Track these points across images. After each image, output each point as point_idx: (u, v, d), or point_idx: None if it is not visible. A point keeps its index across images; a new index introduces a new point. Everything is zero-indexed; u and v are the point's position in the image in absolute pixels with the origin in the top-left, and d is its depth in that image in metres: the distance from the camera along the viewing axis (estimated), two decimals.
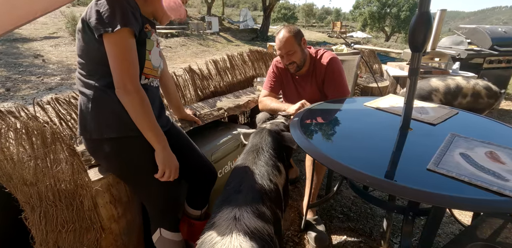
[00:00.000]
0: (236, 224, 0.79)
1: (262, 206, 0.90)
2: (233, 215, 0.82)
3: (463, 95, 2.46)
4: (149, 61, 1.01)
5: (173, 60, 8.57)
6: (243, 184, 0.97)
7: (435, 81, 2.54)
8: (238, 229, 0.77)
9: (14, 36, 8.43)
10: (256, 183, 0.98)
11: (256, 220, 0.82)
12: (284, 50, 1.58)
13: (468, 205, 0.71)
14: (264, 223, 0.84)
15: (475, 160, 0.88)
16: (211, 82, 2.11)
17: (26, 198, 0.92)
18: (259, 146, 1.17)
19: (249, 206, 0.85)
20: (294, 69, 1.65)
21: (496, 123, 1.27)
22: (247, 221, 0.80)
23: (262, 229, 0.81)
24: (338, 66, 1.66)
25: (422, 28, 0.96)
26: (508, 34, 4.04)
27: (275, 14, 25.75)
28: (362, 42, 16.17)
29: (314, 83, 1.71)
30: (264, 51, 2.64)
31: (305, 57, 1.65)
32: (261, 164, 1.08)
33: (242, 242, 0.74)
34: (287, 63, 1.63)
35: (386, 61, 4.02)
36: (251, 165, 1.07)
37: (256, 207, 0.87)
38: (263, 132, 1.26)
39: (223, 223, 0.80)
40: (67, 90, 4.74)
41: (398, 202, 1.75)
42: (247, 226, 0.79)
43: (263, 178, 1.01)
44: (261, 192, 0.95)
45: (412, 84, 1.08)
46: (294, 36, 1.56)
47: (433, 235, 1.05)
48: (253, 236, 0.77)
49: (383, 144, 1.09)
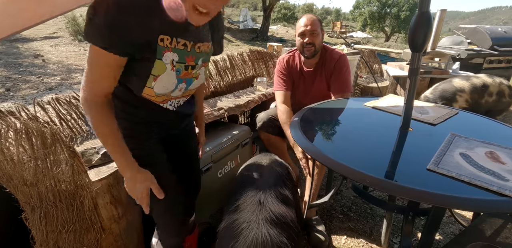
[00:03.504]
0: (261, 209, 0.77)
1: (284, 189, 0.89)
2: (257, 199, 0.81)
3: (489, 93, 2.42)
4: (150, 88, 0.82)
5: None
6: (265, 170, 0.97)
7: (458, 81, 2.49)
8: (263, 215, 0.76)
9: (14, 36, 8.43)
10: (276, 170, 0.98)
11: (280, 205, 0.81)
12: (311, 27, 1.59)
13: (468, 205, 0.71)
14: (287, 208, 0.82)
15: (475, 160, 0.88)
16: (211, 82, 2.11)
17: (26, 198, 0.92)
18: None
19: (272, 190, 0.84)
20: (310, 52, 1.64)
21: (496, 123, 1.27)
22: (271, 206, 0.79)
23: (286, 214, 0.80)
24: (347, 63, 1.72)
25: (422, 28, 0.96)
26: (508, 34, 4.04)
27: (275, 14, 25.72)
28: (362, 42, 16.17)
29: (323, 76, 1.73)
30: (264, 51, 2.64)
31: (321, 45, 1.68)
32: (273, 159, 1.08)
33: (269, 228, 0.72)
34: (307, 42, 1.62)
35: (386, 61, 4.02)
36: (269, 158, 1.08)
37: (280, 191, 0.86)
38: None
39: (248, 208, 0.79)
40: (67, 90, 4.74)
41: (398, 202, 1.75)
42: (272, 212, 0.77)
43: (279, 166, 1.01)
44: (282, 176, 0.95)
45: (412, 84, 1.08)
46: (319, 20, 1.64)
47: (433, 235, 1.05)
48: (278, 222, 0.75)
49: (383, 144, 1.09)
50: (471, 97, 2.42)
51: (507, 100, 2.43)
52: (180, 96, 0.95)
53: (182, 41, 0.82)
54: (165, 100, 0.91)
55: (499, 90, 2.41)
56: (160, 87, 0.84)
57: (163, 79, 0.82)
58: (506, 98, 2.42)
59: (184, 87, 0.91)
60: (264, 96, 2.14)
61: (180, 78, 0.87)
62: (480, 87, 2.41)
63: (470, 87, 2.42)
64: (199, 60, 0.91)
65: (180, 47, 0.82)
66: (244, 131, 1.77)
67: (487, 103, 2.42)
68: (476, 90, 2.41)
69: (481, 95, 2.42)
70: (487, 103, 2.42)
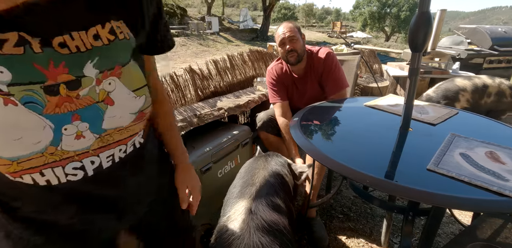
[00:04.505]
0: (252, 217, 0.76)
1: (276, 198, 0.88)
2: (248, 208, 0.80)
3: (488, 94, 2.43)
4: None
5: (173, 60, 8.57)
6: (256, 178, 0.96)
7: (460, 80, 2.49)
8: (255, 223, 0.75)
9: None
10: (269, 177, 0.97)
11: (272, 212, 0.80)
12: (288, 34, 1.59)
13: (468, 205, 0.71)
14: (279, 215, 0.81)
15: (475, 160, 0.88)
16: (211, 82, 2.11)
17: None
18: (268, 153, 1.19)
19: (263, 199, 0.83)
20: (294, 59, 1.64)
21: (496, 123, 1.27)
22: (263, 214, 0.78)
23: (278, 221, 0.79)
24: (335, 59, 1.69)
25: (422, 28, 0.96)
26: (508, 34, 4.04)
27: (275, 14, 25.75)
28: (362, 42, 16.17)
29: (314, 78, 1.72)
30: (264, 51, 2.64)
31: (304, 50, 1.67)
32: (272, 163, 1.08)
33: (260, 237, 0.71)
34: (289, 49, 1.61)
35: (386, 61, 4.02)
36: (263, 164, 1.07)
37: (271, 199, 0.85)
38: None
39: (239, 217, 0.78)
40: None
41: (398, 202, 1.75)
42: (264, 220, 0.76)
43: (275, 173, 1.00)
44: (274, 185, 0.93)
45: (412, 84, 1.08)
46: (296, 27, 1.64)
47: (433, 235, 1.05)
48: (270, 230, 0.74)
49: (383, 144, 1.09)
50: (472, 97, 2.43)
51: (509, 100, 2.43)
52: (97, 146, 0.50)
53: (10, 37, 0.38)
54: (56, 165, 0.47)
55: (498, 90, 2.42)
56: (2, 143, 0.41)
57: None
58: (507, 98, 2.43)
59: (85, 128, 0.47)
60: (264, 96, 2.14)
61: (50, 114, 0.43)
62: (481, 87, 2.42)
63: (472, 86, 2.43)
64: (88, 66, 0.45)
65: (9, 50, 0.38)
66: (244, 131, 1.77)
67: (486, 104, 2.44)
68: (477, 90, 2.42)
69: (481, 96, 2.43)
70: (486, 104, 2.44)
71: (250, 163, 1.17)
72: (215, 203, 1.59)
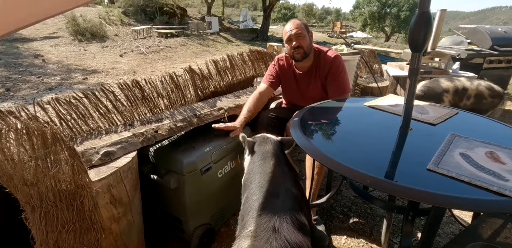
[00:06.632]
0: (276, 237, 0.73)
1: (301, 215, 0.84)
2: (272, 225, 0.76)
3: (467, 97, 2.49)
4: None
5: (173, 60, 8.56)
6: (280, 188, 0.92)
7: (444, 81, 2.55)
8: (278, 244, 0.71)
9: (14, 36, 8.42)
10: (291, 189, 0.93)
11: (297, 233, 0.77)
12: (295, 30, 1.60)
13: (468, 205, 0.71)
14: (304, 236, 0.78)
15: (475, 160, 0.88)
16: (211, 82, 2.11)
17: (26, 198, 0.92)
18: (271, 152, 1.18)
19: (288, 215, 0.79)
20: (300, 55, 1.64)
21: (496, 123, 1.27)
22: (287, 234, 0.75)
23: (303, 244, 0.75)
24: (342, 63, 1.70)
25: (422, 28, 0.96)
26: (508, 34, 4.04)
27: (275, 14, 25.74)
28: (362, 42, 16.16)
29: (317, 78, 1.73)
30: (264, 51, 2.63)
31: (311, 48, 1.67)
32: (282, 170, 1.06)
33: None
34: (295, 46, 1.62)
35: (386, 61, 4.02)
36: (274, 170, 1.05)
37: (296, 217, 0.81)
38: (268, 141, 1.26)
39: (262, 234, 0.74)
40: (67, 90, 4.73)
41: (398, 202, 1.75)
42: (287, 241, 0.73)
43: (292, 185, 0.96)
44: (297, 197, 0.90)
45: (412, 84, 1.08)
46: (304, 24, 1.64)
47: (433, 235, 1.05)
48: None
49: (383, 144, 1.09)
50: (453, 99, 2.51)
51: (489, 100, 2.50)
52: None
53: None
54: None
55: (476, 92, 2.49)
56: None
57: None
58: (487, 99, 2.49)
59: None
60: None
61: None
62: (461, 90, 2.50)
63: (453, 88, 2.51)
64: None
65: None
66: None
67: (466, 106, 2.51)
68: (457, 93, 2.50)
69: (461, 98, 2.51)
70: (465, 106, 2.51)
71: (259, 163, 1.13)
72: (215, 203, 1.59)
